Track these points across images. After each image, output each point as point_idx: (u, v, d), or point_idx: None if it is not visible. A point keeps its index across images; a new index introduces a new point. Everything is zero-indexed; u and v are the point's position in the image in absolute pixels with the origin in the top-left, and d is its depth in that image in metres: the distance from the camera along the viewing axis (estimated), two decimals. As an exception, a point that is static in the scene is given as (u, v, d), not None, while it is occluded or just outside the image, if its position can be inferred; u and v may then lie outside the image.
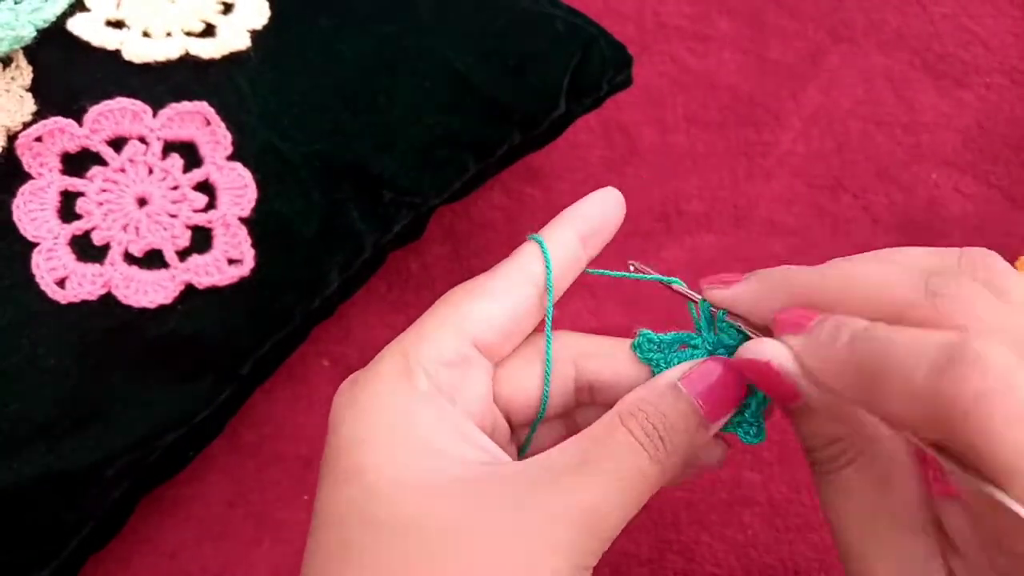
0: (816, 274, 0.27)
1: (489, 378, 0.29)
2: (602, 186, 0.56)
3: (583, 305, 0.50)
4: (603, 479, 0.25)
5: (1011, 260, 0.54)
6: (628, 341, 0.30)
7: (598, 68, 0.48)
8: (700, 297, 0.30)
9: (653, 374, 0.29)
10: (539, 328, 0.30)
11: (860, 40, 0.63)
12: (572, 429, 0.31)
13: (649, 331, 0.30)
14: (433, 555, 0.24)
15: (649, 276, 0.31)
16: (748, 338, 0.28)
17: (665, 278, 0.31)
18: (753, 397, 0.29)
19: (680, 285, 0.30)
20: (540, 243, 0.30)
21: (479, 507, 0.24)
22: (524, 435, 0.31)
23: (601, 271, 0.31)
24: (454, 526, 0.24)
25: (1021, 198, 0.57)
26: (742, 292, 0.28)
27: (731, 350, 0.29)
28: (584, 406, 0.31)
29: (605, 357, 0.30)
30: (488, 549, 0.24)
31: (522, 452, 0.31)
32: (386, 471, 0.25)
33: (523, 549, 0.24)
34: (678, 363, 0.29)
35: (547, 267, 0.29)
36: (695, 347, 0.29)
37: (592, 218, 0.31)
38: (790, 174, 0.58)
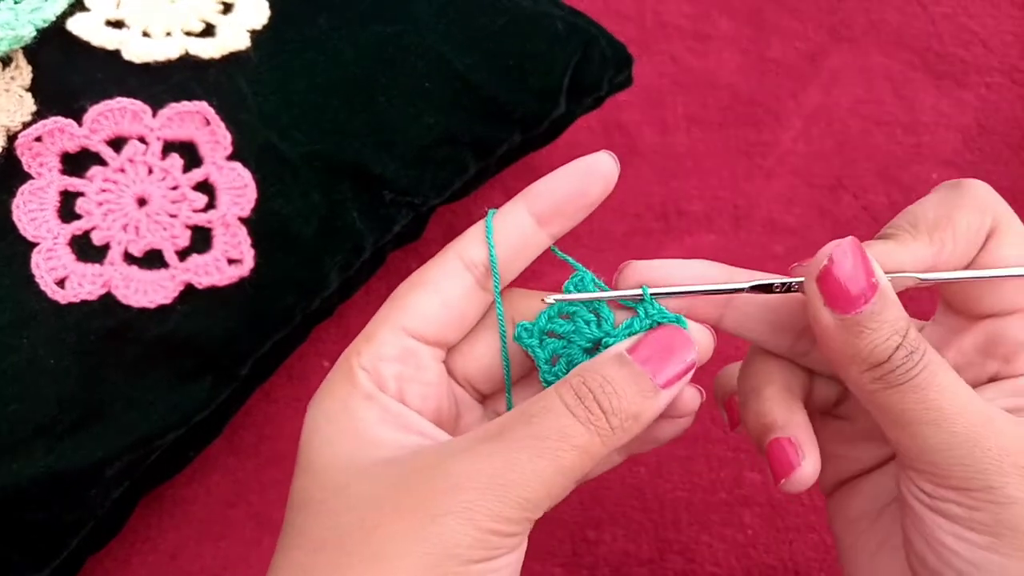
0: None
1: (439, 365, 0.30)
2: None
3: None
4: (516, 444, 0.25)
5: (1011, 260, 0.54)
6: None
7: (598, 68, 0.48)
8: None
9: (536, 362, 0.30)
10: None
11: (860, 40, 0.63)
12: None
13: (526, 321, 0.30)
14: (343, 529, 0.25)
15: (605, 289, 0.30)
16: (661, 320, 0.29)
17: (617, 293, 0.30)
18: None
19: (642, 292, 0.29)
20: (488, 221, 0.29)
21: (396, 479, 0.26)
22: (502, 403, 0.32)
23: (565, 256, 0.30)
24: (372, 497, 0.25)
25: (1021, 198, 0.57)
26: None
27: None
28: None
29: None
30: (398, 517, 0.25)
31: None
32: (325, 459, 0.27)
33: (425, 517, 0.24)
34: (549, 351, 0.29)
35: (490, 244, 0.29)
36: (569, 337, 0.30)
37: (551, 195, 0.29)
38: (790, 174, 0.58)
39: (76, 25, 0.42)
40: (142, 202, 0.40)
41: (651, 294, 0.29)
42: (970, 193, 0.29)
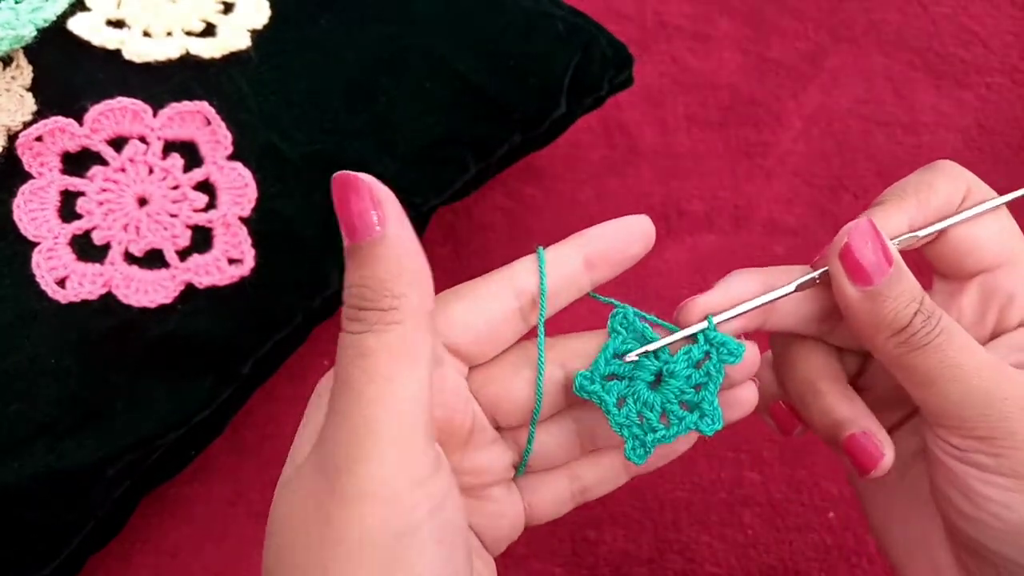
0: None
1: (461, 379, 0.30)
2: (603, 186, 0.57)
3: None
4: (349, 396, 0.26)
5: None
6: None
7: (599, 68, 0.48)
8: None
9: (603, 407, 0.30)
10: (530, 336, 0.31)
11: (860, 40, 0.63)
12: (581, 428, 0.32)
13: (583, 371, 0.30)
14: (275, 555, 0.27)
15: (653, 319, 0.31)
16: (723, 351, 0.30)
17: (660, 321, 0.31)
18: (665, 430, 0.29)
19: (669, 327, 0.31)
20: (540, 255, 0.30)
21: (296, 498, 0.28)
22: (520, 436, 0.32)
23: (604, 298, 0.31)
24: (280, 518, 0.28)
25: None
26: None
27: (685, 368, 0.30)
28: (578, 405, 0.32)
29: (589, 357, 0.31)
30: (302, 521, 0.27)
31: (526, 454, 0.31)
32: (299, 452, 0.29)
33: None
34: (615, 394, 0.30)
35: (542, 276, 0.29)
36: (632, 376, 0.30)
37: (603, 241, 0.31)
38: (790, 174, 0.58)
39: (77, 25, 0.42)
40: (143, 202, 0.40)
41: (716, 324, 0.30)
42: (944, 167, 0.32)
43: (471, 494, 0.30)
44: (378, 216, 0.27)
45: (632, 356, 0.30)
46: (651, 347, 0.30)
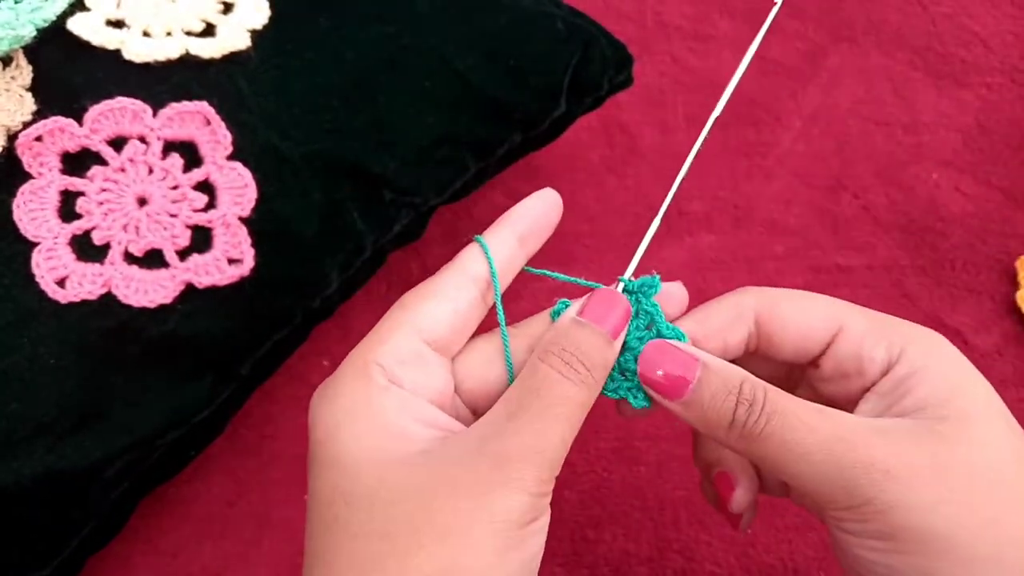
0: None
1: (447, 372, 0.32)
2: (603, 186, 0.57)
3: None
4: (538, 415, 0.29)
5: (1011, 260, 0.54)
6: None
7: (599, 68, 0.48)
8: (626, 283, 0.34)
9: None
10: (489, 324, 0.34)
11: (860, 40, 0.63)
12: None
13: (566, 300, 0.33)
14: (406, 516, 0.27)
15: (576, 280, 0.35)
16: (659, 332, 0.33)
17: (585, 282, 0.34)
18: (655, 314, 0.33)
19: (599, 287, 0.34)
20: (482, 244, 0.33)
21: (439, 468, 0.28)
22: None
23: (538, 270, 0.35)
24: (420, 487, 0.28)
25: (1021, 198, 0.57)
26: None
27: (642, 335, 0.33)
28: None
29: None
30: (456, 496, 0.27)
31: None
32: (355, 453, 0.29)
33: (483, 493, 0.27)
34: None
35: (491, 265, 0.33)
36: None
37: (530, 218, 0.34)
38: (790, 174, 0.58)
39: (76, 25, 0.42)
40: (142, 202, 0.40)
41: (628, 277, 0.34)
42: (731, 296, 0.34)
43: None
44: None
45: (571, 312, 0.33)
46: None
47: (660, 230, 0.33)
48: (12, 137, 0.40)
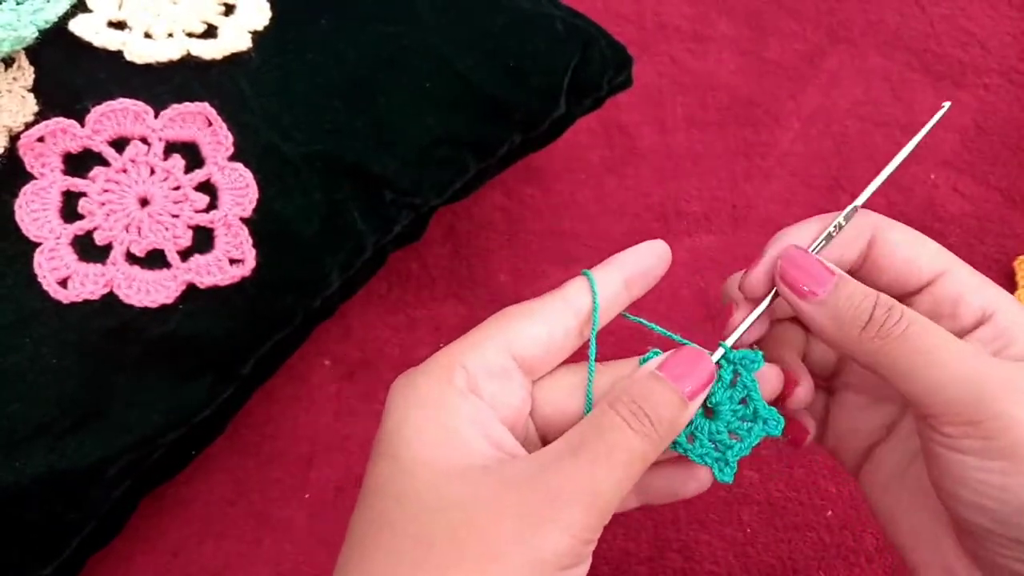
0: None
1: (526, 392, 0.32)
2: (602, 186, 0.57)
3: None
4: (598, 460, 0.28)
5: (1009, 260, 0.55)
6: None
7: (598, 68, 0.48)
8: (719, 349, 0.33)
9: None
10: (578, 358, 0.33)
11: (859, 41, 0.63)
12: None
13: (657, 349, 0.33)
14: (450, 528, 0.27)
15: (673, 336, 0.34)
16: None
17: (682, 339, 0.33)
18: (739, 443, 0.32)
19: (695, 347, 0.33)
20: (589, 277, 0.33)
21: (491, 489, 0.28)
22: None
23: (636, 319, 0.35)
24: (469, 503, 0.27)
25: (1020, 198, 0.57)
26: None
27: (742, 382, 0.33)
28: None
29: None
30: (501, 522, 0.27)
31: None
32: (416, 452, 0.29)
33: (528, 525, 0.27)
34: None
35: (594, 299, 0.32)
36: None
37: (641, 265, 0.34)
38: (789, 174, 0.58)
39: (78, 26, 0.42)
40: (144, 202, 0.41)
41: (730, 344, 0.33)
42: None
43: None
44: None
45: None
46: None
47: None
48: (14, 138, 0.40)
